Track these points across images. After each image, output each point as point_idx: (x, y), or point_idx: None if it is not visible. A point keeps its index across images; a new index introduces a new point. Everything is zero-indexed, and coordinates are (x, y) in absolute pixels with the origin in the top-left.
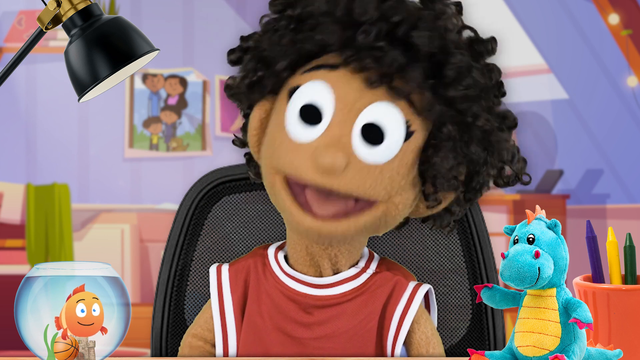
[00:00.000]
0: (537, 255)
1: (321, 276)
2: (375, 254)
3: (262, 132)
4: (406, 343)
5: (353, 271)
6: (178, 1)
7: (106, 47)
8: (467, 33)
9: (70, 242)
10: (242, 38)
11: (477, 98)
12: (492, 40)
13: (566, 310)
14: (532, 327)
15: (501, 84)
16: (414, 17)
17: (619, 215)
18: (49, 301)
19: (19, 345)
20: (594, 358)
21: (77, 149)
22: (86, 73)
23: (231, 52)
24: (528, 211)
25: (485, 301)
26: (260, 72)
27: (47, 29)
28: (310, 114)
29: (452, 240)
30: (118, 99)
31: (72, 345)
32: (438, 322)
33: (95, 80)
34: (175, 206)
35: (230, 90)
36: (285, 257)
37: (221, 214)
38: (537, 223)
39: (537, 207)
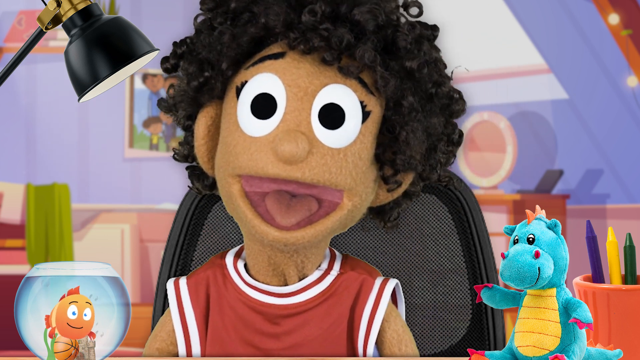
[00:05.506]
0: (537, 255)
1: (286, 284)
2: (337, 252)
3: (210, 141)
4: (377, 342)
5: (317, 274)
6: (178, 1)
7: (106, 47)
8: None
9: (70, 242)
10: (176, 44)
11: (434, 66)
12: (435, 28)
13: (566, 310)
14: (532, 327)
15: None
16: None
17: (619, 215)
18: (49, 301)
19: (19, 345)
20: (594, 358)
21: (77, 149)
22: (86, 73)
23: (165, 60)
24: (528, 211)
25: (485, 301)
26: (206, 72)
27: (47, 29)
28: (263, 107)
29: (452, 240)
30: (118, 99)
31: (72, 345)
32: (438, 322)
33: (95, 80)
34: (175, 206)
35: (171, 100)
36: (245, 266)
37: (221, 214)
38: (537, 223)
39: (537, 207)
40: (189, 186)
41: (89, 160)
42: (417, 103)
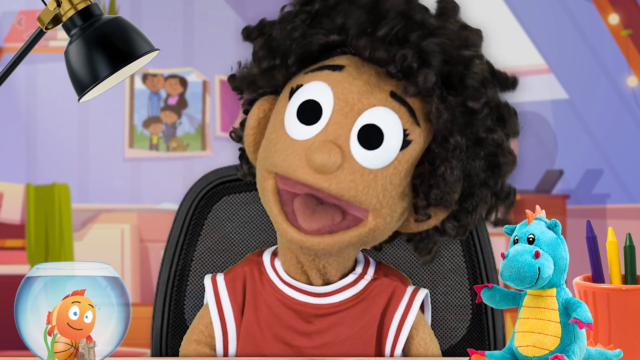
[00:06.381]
0: (537, 255)
1: (311, 284)
2: (370, 259)
3: (258, 132)
4: (405, 349)
5: (351, 278)
6: (178, 1)
7: (106, 47)
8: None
9: (70, 242)
10: (263, 22)
11: (493, 112)
12: (514, 81)
13: (566, 310)
14: (532, 327)
15: (515, 116)
16: (432, 26)
17: (619, 215)
18: (49, 301)
19: (19, 345)
20: (594, 358)
21: (77, 149)
22: (86, 73)
23: (247, 28)
24: (528, 211)
25: (485, 301)
26: (273, 61)
27: (47, 29)
28: (309, 113)
29: (452, 240)
30: (118, 99)
31: (72, 345)
32: (438, 322)
33: (95, 80)
34: (175, 206)
35: (240, 78)
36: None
37: (221, 214)
38: (537, 223)
39: (537, 207)
40: (236, 167)
41: (89, 160)
42: (464, 143)
